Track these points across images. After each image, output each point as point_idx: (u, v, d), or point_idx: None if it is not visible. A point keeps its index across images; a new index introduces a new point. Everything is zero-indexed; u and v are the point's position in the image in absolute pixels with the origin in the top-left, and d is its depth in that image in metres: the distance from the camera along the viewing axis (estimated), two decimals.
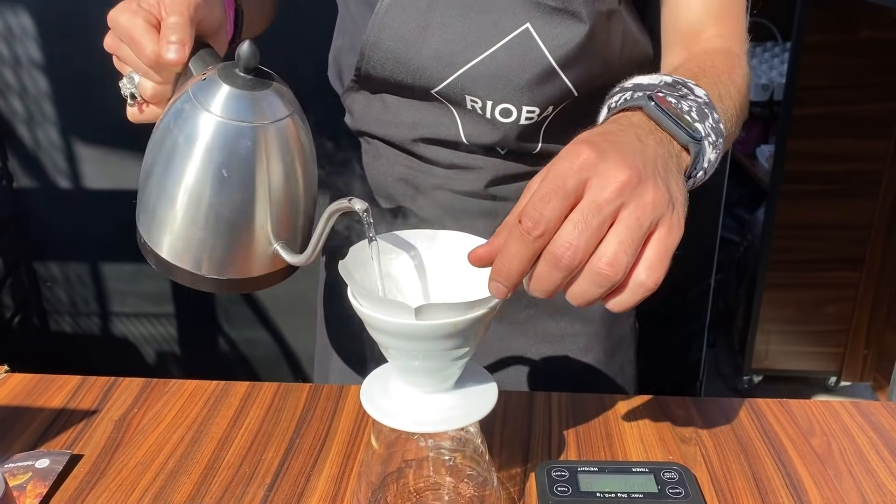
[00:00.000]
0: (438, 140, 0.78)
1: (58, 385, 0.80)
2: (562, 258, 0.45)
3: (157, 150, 0.59)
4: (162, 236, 0.60)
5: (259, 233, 0.59)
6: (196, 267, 0.60)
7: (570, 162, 0.47)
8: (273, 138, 0.57)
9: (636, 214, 0.46)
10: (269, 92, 0.58)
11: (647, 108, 0.54)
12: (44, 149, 1.56)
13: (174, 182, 0.58)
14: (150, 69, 0.61)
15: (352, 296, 0.53)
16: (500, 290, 0.48)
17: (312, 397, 0.78)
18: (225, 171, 0.57)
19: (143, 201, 0.61)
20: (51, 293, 1.70)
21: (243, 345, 1.71)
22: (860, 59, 1.88)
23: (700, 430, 0.73)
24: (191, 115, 0.57)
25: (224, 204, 0.58)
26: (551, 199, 0.46)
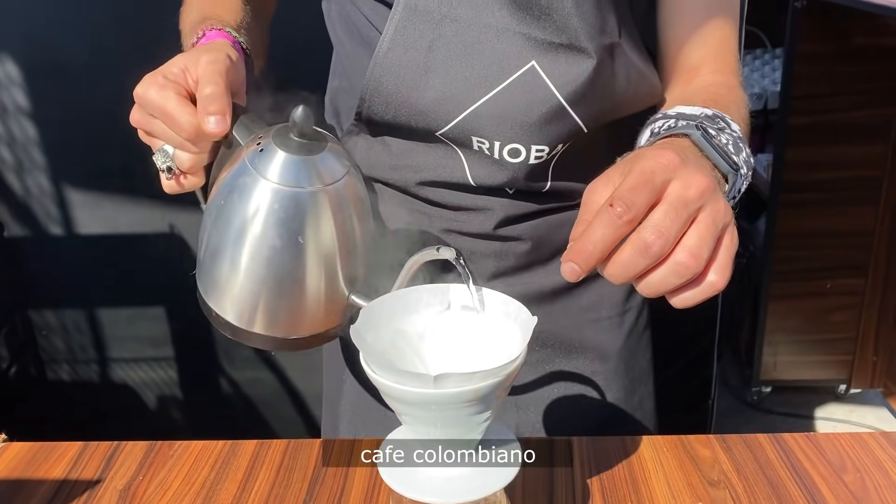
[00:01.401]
0: (444, 182, 0.76)
1: (58, 453, 0.77)
2: (653, 245, 0.46)
3: (222, 225, 0.59)
4: (238, 307, 0.61)
5: (336, 288, 0.60)
6: (277, 331, 0.61)
7: (657, 161, 0.48)
8: (337, 198, 0.58)
9: (712, 217, 0.48)
10: (327, 154, 0.58)
11: (694, 137, 0.56)
12: (34, 196, 1.54)
13: (249, 256, 0.58)
14: (187, 142, 0.60)
15: (365, 363, 0.50)
16: (573, 272, 0.48)
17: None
18: (300, 238, 0.57)
19: (211, 277, 0.61)
20: (47, 342, 1.67)
21: (246, 385, 1.68)
22: (853, 65, 1.87)
23: (728, 470, 0.70)
24: (254, 188, 0.56)
25: (301, 268, 0.58)
26: (642, 190, 0.47)
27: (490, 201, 0.76)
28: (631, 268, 0.48)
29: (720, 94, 0.70)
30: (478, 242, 0.78)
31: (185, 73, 0.60)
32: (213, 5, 0.73)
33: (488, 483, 0.52)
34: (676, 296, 0.49)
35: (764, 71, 2.41)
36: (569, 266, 0.48)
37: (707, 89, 0.72)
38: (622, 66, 0.71)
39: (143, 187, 1.42)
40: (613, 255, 0.48)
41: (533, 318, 0.52)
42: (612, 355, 0.83)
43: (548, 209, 0.77)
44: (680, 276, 0.47)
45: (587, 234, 0.47)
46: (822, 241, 2.02)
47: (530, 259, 0.79)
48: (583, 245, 0.47)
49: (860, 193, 1.96)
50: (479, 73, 0.69)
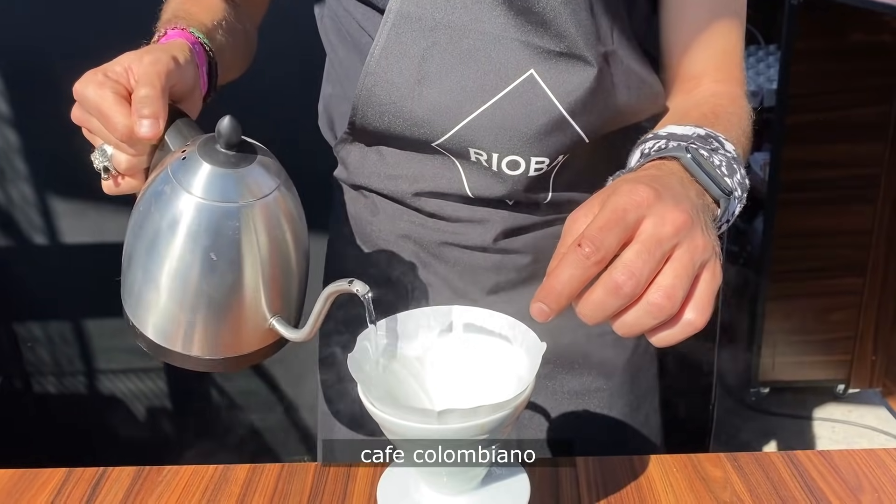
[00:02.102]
0: (442, 193, 0.73)
1: (41, 480, 0.74)
2: (623, 286, 0.45)
3: (138, 233, 0.55)
4: (151, 319, 0.57)
5: (254, 311, 0.56)
6: (188, 349, 0.57)
7: (629, 197, 0.46)
8: (261, 216, 0.54)
9: (689, 254, 0.46)
10: (254, 167, 0.54)
11: (684, 160, 0.54)
12: (17, 206, 1.50)
13: (159, 267, 0.55)
14: (122, 143, 0.57)
15: (363, 395, 0.47)
16: (542, 313, 0.46)
17: (319, 479, 0.72)
18: (213, 255, 0.53)
19: (127, 284, 0.58)
20: (33, 354, 1.63)
21: (238, 396, 1.64)
22: (850, 63, 1.85)
23: (741, 491, 0.68)
24: (172, 198, 0.53)
25: (215, 287, 0.55)
26: (612, 229, 0.45)
27: (489, 213, 0.73)
28: (603, 308, 0.46)
29: (721, 106, 0.68)
30: (476, 255, 0.75)
31: (128, 72, 0.57)
32: (190, 2, 0.70)
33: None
34: (654, 335, 0.48)
35: (759, 68, 2.39)
36: (538, 306, 0.46)
37: (708, 101, 0.70)
38: (620, 74, 0.69)
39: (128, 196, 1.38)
40: (585, 295, 0.46)
41: (541, 344, 0.49)
42: (616, 371, 0.80)
43: (548, 221, 0.75)
44: (654, 317, 0.46)
45: (555, 273, 0.46)
46: (820, 241, 2.00)
47: (530, 273, 0.76)
48: (551, 285, 0.46)
49: (858, 192, 1.94)
50: (475, 82, 0.66)
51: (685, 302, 0.46)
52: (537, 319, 0.46)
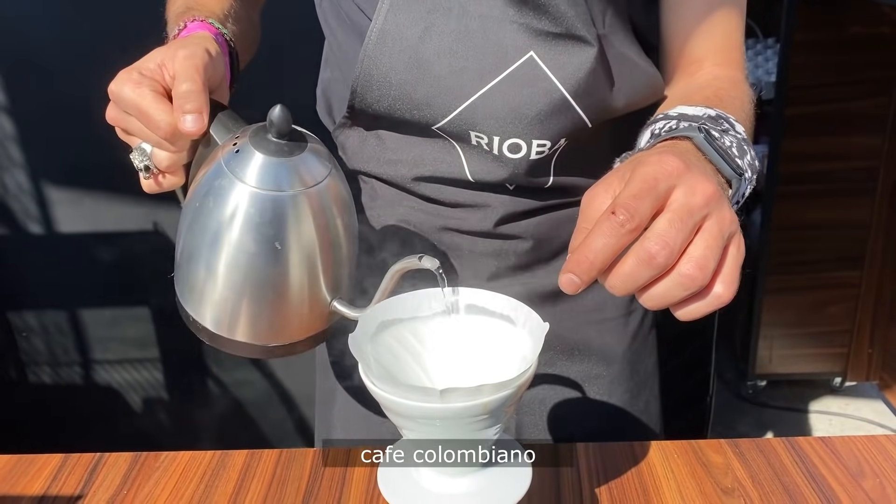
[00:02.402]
0: (442, 178, 0.72)
1: (37, 466, 0.73)
2: (657, 255, 0.44)
3: (195, 228, 0.56)
4: (215, 313, 0.58)
5: (316, 295, 0.58)
6: (255, 339, 0.59)
7: (660, 166, 0.45)
8: (317, 202, 0.55)
9: (718, 226, 0.45)
10: (307, 154, 0.55)
11: (697, 140, 0.53)
12: (12, 194, 1.49)
13: (225, 262, 0.56)
14: (164, 140, 0.57)
15: (364, 374, 0.47)
16: (572, 284, 0.45)
17: (318, 464, 0.71)
18: (278, 244, 0.54)
19: (188, 281, 0.58)
20: (28, 344, 1.62)
21: (234, 387, 1.64)
22: (850, 55, 1.85)
23: (742, 477, 0.67)
24: (229, 190, 0.54)
25: (281, 275, 0.56)
26: (645, 197, 0.44)
27: (489, 198, 0.72)
28: (634, 279, 0.45)
29: (724, 89, 0.68)
30: (477, 241, 0.74)
31: (162, 68, 0.57)
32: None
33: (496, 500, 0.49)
34: (681, 308, 0.47)
35: (757, 61, 2.38)
36: (567, 277, 0.45)
37: (711, 84, 0.69)
38: (613, 58, 0.68)
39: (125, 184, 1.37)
40: (615, 266, 0.45)
41: (544, 325, 0.49)
42: (616, 357, 0.80)
43: (550, 206, 0.74)
44: (685, 289, 0.45)
45: (587, 243, 0.44)
46: (818, 233, 2.00)
47: (531, 258, 0.76)
48: (583, 255, 0.44)
49: (856, 185, 1.94)
50: (475, 65, 0.65)
51: (714, 274, 0.45)
52: (567, 291, 0.45)
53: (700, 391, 1.62)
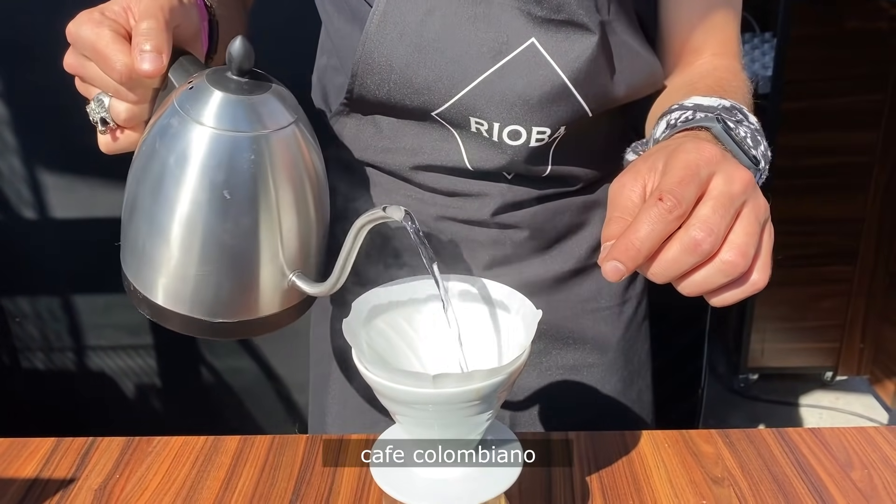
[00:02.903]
0: (440, 167, 0.72)
1: (30, 450, 0.73)
2: (702, 242, 0.44)
3: (142, 176, 0.50)
4: (156, 279, 0.51)
5: (271, 263, 0.51)
6: (200, 312, 0.52)
7: (699, 154, 0.46)
8: (278, 149, 0.49)
9: (755, 213, 0.46)
10: (269, 96, 0.50)
11: (715, 130, 0.54)
12: (6, 179, 1.49)
13: (166, 212, 0.49)
14: (122, 87, 0.53)
15: (358, 360, 0.47)
16: (617, 272, 0.45)
17: (310, 450, 0.72)
18: (227, 193, 0.48)
19: (129, 240, 0.53)
20: (21, 329, 1.62)
21: (228, 374, 1.64)
22: (846, 50, 1.85)
23: (732, 467, 0.68)
24: (180, 130, 0.48)
25: (228, 231, 0.49)
26: (689, 183, 0.44)
27: (487, 186, 0.72)
28: (677, 266, 0.45)
29: (725, 79, 0.68)
30: (474, 230, 0.74)
31: (127, 11, 0.54)
32: None
33: (488, 486, 0.49)
34: (718, 295, 0.47)
35: (753, 55, 2.38)
36: (612, 265, 0.45)
37: (711, 73, 0.70)
38: (615, 46, 0.68)
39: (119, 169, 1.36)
40: (658, 254, 0.45)
41: (537, 312, 0.49)
42: (610, 346, 0.80)
43: (547, 195, 0.74)
44: (726, 276, 0.45)
45: (633, 230, 0.44)
46: (812, 228, 2.01)
47: (528, 248, 0.76)
48: (629, 242, 0.44)
49: (851, 180, 1.95)
50: (476, 50, 0.65)
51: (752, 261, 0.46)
52: (611, 279, 0.45)
53: (692, 384, 1.63)
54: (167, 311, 0.52)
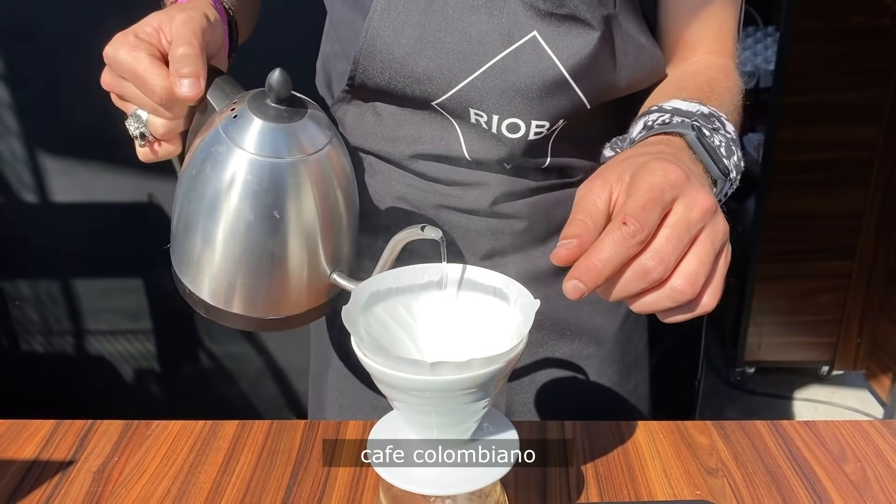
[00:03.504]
0: (440, 156, 0.72)
1: (29, 432, 0.74)
2: (652, 271, 0.45)
3: (192, 195, 0.55)
4: (211, 285, 0.57)
5: (314, 267, 0.57)
6: (251, 311, 0.58)
7: (665, 176, 0.47)
8: (317, 170, 0.54)
9: (711, 240, 0.46)
10: (307, 121, 0.54)
11: (689, 138, 0.55)
12: (7, 162, 1.49)
13: (222, 231, 0.54)
14: (159, 106, 0.56)
15: (356, 347, 0.47)
16: (577, 290, 0.46)
17: (308, 436, 0.72)
18: (276, 213, 0.53)
19: (184, 252, 0.57)
20: (21, 313, 1.62)
21: (227, 360, 1.64)
22: (848, 45, 1.85)
23: (726, 458, 0.68)
24: (226, 156, 0.53)
25: (279, 245, 0.55)
26: (653, 208, 0.45)
27: (486, 176, 0.73)
28: (626, 290, 0.46)
29: (716, 79, 0.68)
30: (472, 219, 0.75)
31: (159, 32, 0.56)
32: None
33: (483, 474, 0.49)
34: (667, 316, 0.48)
35: (756, 49, 2.38)
36: (573, 284, 0.46)
37: (703, 72, 0.70)
38: (620, 39, 0.68)
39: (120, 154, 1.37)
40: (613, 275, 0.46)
41: (535, 302, 0.49)
42: (607, 339, 0.80)
43: (546, 186, 0.74)
44: (674, 301, 0.46)
45: (596, 251, 0.45)
46: (811, 223, 2.01)
47: (526, 239, 0.76)
48: (591, 263, 0.45)
49: (851, 175, 1.95)
50: (477, 41, 0.65)
51: (703, 286, 0.46)
52: (571, 297, 0.46)
53: (689, 376, 1.64)
54: (221, 311, 0.58)
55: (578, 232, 0.46)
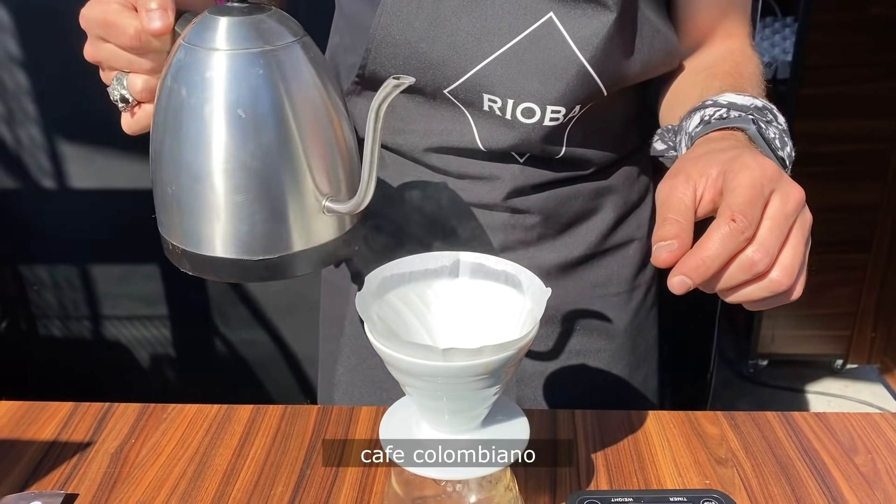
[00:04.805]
0: (453, 148, 0.72)
1: (48, 413, 0.75)
2: (758, 263, 0.46)
3: (161, 122, 0.50)
4: (189, 225, 0.51)
5: (300, 187, 0.50)
6: (239, 251, 0.51)
7: (762, 171, 0.48)
8: (287, 64, 0.49)
9: (802, 231, 0.48)
10: (272, 16, 0.51)
11: (751, 133, 0.56)
12: (26, 148, 1.50)
13: (187, 146, 0.49)
14: (135, 57, 0.54)
15: (370, 332, 0.48)
16: (684, 285, 0.47)
17: (321, 421, 0.73)
18: (241, 111, 0.48)
19: (159, 196, 0.53)
20: (39, 297, 1.64)
21: (241, 346, 1.66)
22: (867, 36, 1.83)
23: (736, 448, 0.69)
24: (188, 61, 0.49)
25: (250, 153, 0.48)
26: (757, 204, 0.47)
27: (499, 169, 0.73)
28: (730, 281, 0.48)
29: (741, 64, 0.69)
30: (485, 213, 0.75)
31: None
32: None
33: (494, 459, 0.50)
34: (758, 306, 0.50)
35: (774, 40, 2.36)
36: (680, 279, 0.47)
37: (727, 58, 0.70)
38: (636, 21, 0.68)
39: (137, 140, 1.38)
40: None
41: (546, 290, 0.50)
42: (618, 332, 0.80)
43: (559, 180, 0.74)
44: (770, 292, 0.48)
45: (704, 248, 0.46)
46: (827, 216, 1.99)
47: (538, 234, 0.76)
48: (700, 259, 0.46)
49: (867, 168, 1.93)
50: (493, 24, 0.65)
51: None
52: (678, 292, 0.47)
53: (701, 368, 1.64)
54: (207, 258, 0.51)
55: (676, 232, 0.47)
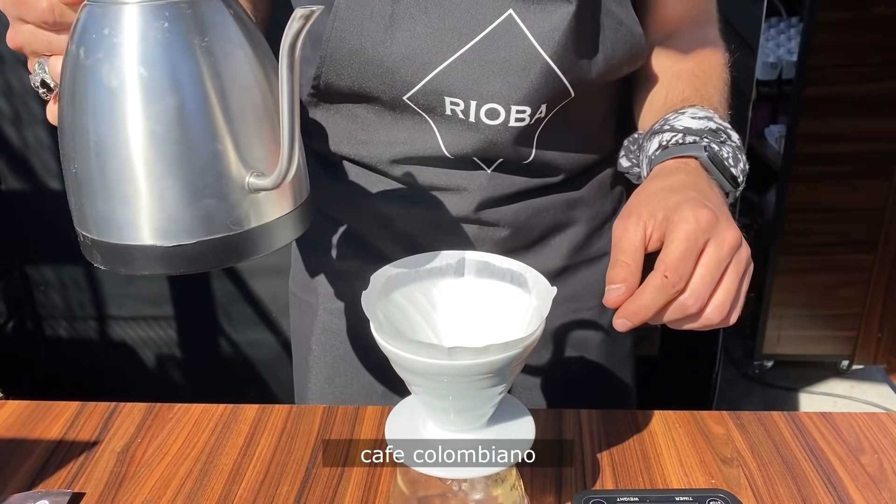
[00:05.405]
0: (417, 157, 0.70)
1: (55, 413, 0.75)
2: (691, 308, 0.52)
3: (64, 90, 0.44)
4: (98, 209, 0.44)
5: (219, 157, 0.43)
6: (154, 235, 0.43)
7: (696, 224, 0.53)
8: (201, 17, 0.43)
9: (737, 271, 0.53)
10: None
11: (702, 160, 0.61)
12: (32, 149, 1.51)
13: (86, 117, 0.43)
14: (53, 36, 0.50)
15: (375, 331, 0.48)
16: (625, 327, 0.53)
17: (327, 420, 0.73)
18: (142, 69, 0.41)
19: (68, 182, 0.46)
20: (45, 298, 1.65)
21: (245, 346, 1.66)
22: (873, 36, 1.82)
23: (742, 448, 0.69)
24: (89, 23, 0.43)
25: (154, 118, 0.42)
26: (689, 259, 0.52)
27: (466, 179, 0.70)
28: (669, 319, 0.54)
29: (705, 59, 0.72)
30: (454, 226, 0.73)
31: None
32: None
33: (499, 457, 0.50)
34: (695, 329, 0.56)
35: (779, 40, 2.36)
36: (622, 322, 0.53)
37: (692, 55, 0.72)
38: (597, 14, 0.66)
39: None
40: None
41: (552, 289, 0.50)
42: (591, 346, 0.80)
43: (529, 189, 0.73)
44: (704, 326, 0.54)
45: (641, 297, 0.52)
46: (832, 216, 1.99)
47: (508, 247, 0.74)
48: (637, 308, 0.52)
49: (873, 168, 1.93)
50: (451, 25, 0.63)
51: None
52: (620, 331, 0.53)
53: (706, 368, 1.63)
54: (119, 247, 0.44)
55: (623, 276, 0.53)
